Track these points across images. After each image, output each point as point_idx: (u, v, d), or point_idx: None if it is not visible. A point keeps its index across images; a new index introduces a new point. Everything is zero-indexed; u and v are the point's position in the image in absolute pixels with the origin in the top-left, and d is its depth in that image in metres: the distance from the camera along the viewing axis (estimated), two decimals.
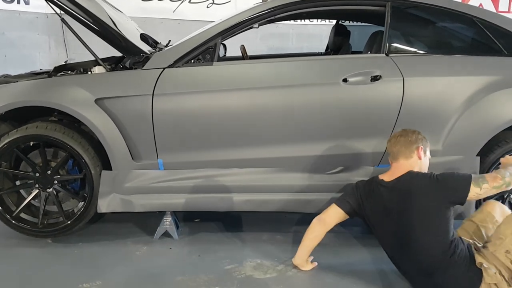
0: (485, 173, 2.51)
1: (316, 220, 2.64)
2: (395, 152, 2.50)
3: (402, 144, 2.48)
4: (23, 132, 2.86)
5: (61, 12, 2.96)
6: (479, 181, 2.32)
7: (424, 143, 2.52)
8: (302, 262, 2.70)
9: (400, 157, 2.48)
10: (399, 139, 2.50)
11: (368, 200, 2.53)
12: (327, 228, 2.63)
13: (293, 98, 2.88)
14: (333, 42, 4.25)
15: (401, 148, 2.48)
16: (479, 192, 2.32)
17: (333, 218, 2.61)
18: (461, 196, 2.32)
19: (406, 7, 3.12)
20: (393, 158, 2.52)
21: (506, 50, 3.01)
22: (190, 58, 2.95)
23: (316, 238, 2.65)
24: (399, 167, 2.48)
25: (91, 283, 2.53)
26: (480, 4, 6.26)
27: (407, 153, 2.47)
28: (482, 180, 2.32)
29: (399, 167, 2.48)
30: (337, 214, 2.60)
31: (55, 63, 3.90)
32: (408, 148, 2.47)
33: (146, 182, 2.93)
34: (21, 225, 2.99)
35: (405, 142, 2.48)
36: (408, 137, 2.50)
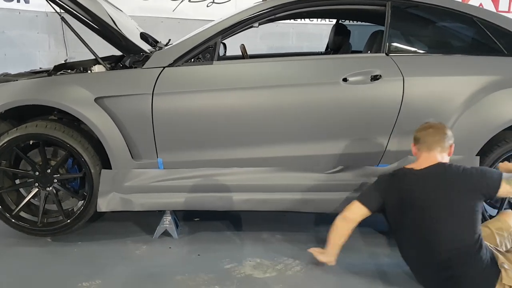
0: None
1: (340, 218, 2.60)
2: (431, 143, 2.46)
3: (440, 137, 2.47)
4: (23, 131, 2.86)
5: (61, 10, 2.95)
6: (510, 180, 2.35)
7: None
8: (332, 259, 2.65)
9: (435, 148, 2.46)
10: (438, 131, 2.49)
11: (393, 191, 2.49)
12: (352, 225, 2.59)
13: (293, 97, 2.88)
14: (333, 41, 4.25)
15: (439, 140, 2.47)
16: (509, 190, 2.34)
17: (356, 214, 2.56)
18: (493, 190, 2.33)
19: (406, 6, 3.12)
20: (427, 148, 2.47)
21: (506, 50, 3.01)
22: (190, 57, 2.95)
23: (342, 236, 2.61)
24: (430, 157, 2.45)
25: (91, 282, 2.53)
26: (480, 3, 6.26)
27: (443, 146, 2.47)
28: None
29: (430, 157, 2.45)
30: (361, 211, 2.55)
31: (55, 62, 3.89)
32: (445, 142, 2.47)
33: (146, 181, 2.93)
34: (21, 223, 2.99)
35: (443, 135, 2.48)
36: (445, 130, 2.50)
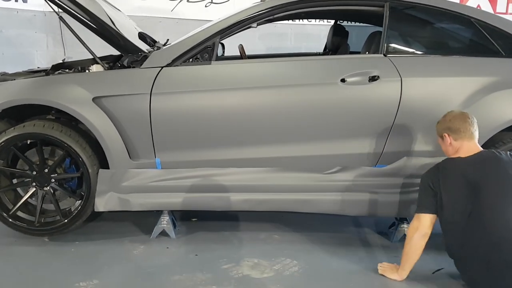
0: None
1: (419, 237, 2.50)
2: (472, 132, 2.51)
3: (476, 125, 2.53)
4: (21, 130, 2.85)
5: (59, 10, 2.95)
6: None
7: None
8: (405, 276, 2.62)
9: (475, 137, 2.52)
10: (473, 120, 2.53)
11: (446, 184, 2.47)
12: (427, 238, 2.54)
13: (290, 98, 2.88)
14: (331, 42, 4.25)
15: (476, 128, 2.53)
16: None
17: (430, 226, 2.52)
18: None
19: (404, 7, 3.13)
20: (469, 137, 2.51)
21: (503, 51, 3.02)
22: (188, 57, 2.95)
23: (420, 252, 2.56)
24: (472, 146, 2.50)
25: (88, 282, 2.53)
26: (478, 5, 6.28)
27: (477, 135, 2.53)
28: None
29: (472, 146, 2.50)
30: (432, 220, 2.51)
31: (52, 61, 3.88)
32: (477, 131, 2.54)
33: (144, 181, 2.93)
34: (18, 223, 2.99)
35: (476, 124, 2.53)
36: (474, 119, 2.55)
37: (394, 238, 3.11)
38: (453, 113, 2.59)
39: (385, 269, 2.68)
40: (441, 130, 2.57)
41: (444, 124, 2.56)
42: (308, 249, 3.00)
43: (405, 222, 3.10)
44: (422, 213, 2.52)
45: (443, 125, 2.57)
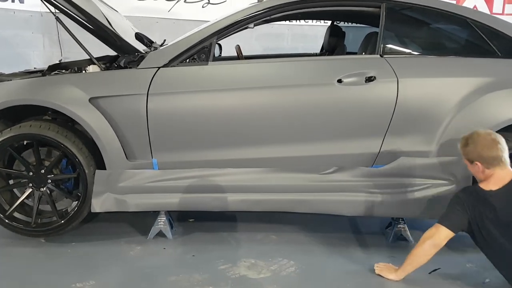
0: None
1: (430, 245, 2.48)
2: (504, 158, 2.43)
3: (507, 150, 2.44)
4: (17, 131, 2.84)
5: (55, 10, 2.95)
6: None
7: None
8: (402, 278, 2.61)
9: (507, 165, 2.44)
10: (503, 143, 2.44)
11: (476, 211, 2.43)
12: (438, 249, 2.52)
13: (287, 98, 2.89)
14: (328, 42, 4.26)
15: (507, 153, 2.43)
16: None
17: (445, 240, 2.48)
18: None
19: (400, 8, 3.14)
20: (502, 165, 2.43)
21: (499, 51, 3.03)
22: (185, 58, 2.95)
23: (427, 260, 2.54)
24: (505, 175, 2.43)
25: (84, 283, 2.52)
26: (474, 6, 6.29)
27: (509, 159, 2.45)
28: None
29: (504, 175, 2.43)
30: (448, 236, 2.48)
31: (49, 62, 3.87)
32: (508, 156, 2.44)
33: (140, 182, 2.92)
34: (14, 224, 2.98)
35: (507, 146, 2.46)
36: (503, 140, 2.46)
37: (391, 239, 3.11)
38: (483, 139, 2.46)
39: (381, 269, 2.68)
40: (472, 157, 2.47)
41: (475, 153, 2.45)
42: (305, 249, 3.00)
43: (402, 222, 3.11)
44: (442, 226, 2.47)
45: (474, 153, 2.46)
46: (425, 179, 2.90)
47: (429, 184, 2.93)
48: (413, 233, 3.09)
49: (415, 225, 3.25)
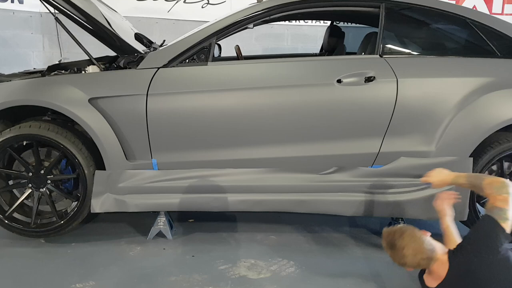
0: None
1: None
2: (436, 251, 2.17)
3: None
4: (16, 132, 2.84)
5: (55, 11, 2.95)
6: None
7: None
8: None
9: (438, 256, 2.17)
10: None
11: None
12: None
13: (287, 98, 2.89)
14: (327, 43, 4.27)
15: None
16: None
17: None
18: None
19: (400, 8, 3.14)
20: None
21: (499, 52, 3.03)
22: (184, 58, 2.95)
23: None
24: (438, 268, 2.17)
25: (84, 283, 2.52)
26: (473, 6, 6.29)
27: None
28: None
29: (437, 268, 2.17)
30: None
31: (49, 62, 3.89)
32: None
33: (140, 182, 2.92)
34: (14, 225, 2.98)
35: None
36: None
37: None
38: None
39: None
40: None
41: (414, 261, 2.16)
42: (304, 249, 3.00)
43: (401, 222, 3.11)
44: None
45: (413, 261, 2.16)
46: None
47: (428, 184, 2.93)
48: None
49: (415, 225, 3.24)
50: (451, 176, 2.44)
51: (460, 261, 2.10)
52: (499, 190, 2.15)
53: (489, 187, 2.20)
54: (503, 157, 2.98)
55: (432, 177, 2.50)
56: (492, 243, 2.06)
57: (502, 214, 2.08)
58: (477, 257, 2.06)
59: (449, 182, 2.45)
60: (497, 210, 2.10)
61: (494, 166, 3.06)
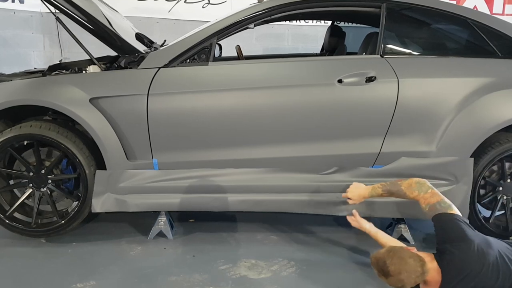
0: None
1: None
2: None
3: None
4: (17, 131, 2.84)
5: (56, 11, 2.95)
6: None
7: None
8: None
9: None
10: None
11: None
12: None
13: (288, 98, 2.89)
14: (328, 43, 4.27)
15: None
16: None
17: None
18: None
19: (401, 8, 3.14)
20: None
21: (500, 52, 3.03)
22: (185, 58, 2.95)
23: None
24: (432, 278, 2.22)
25: (85, 283, 2.52)
26: (474, 6, 6.30)
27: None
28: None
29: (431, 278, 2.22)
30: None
31: (49, 62, 3.89)
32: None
33: (141, 182, 2.92)
34: (15, 224, 2.98)
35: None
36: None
37: None
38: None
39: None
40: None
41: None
42: (305, 249, 3.00)
43: (402, 222, 3.11)
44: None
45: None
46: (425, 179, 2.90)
47: None
48: (414, 233, 3.10)
49: (416, 226, 3.26)
50: (368, 190, 2.70)
51: (449, 263, 2.17)
52: (422, 189, 2.41)
53: (410, 190, 2.44)
54: (503, 158, 2.98)
55: (350, 192, 2.74)
56: (462, 232, 2.20)
57: (443, 205, 2.31)
58: (457, 248, 2.16)
59: (367, 196, 2.72)
60: (437, 205, 2.31)
61: (494, 166, 3.06)
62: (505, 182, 3.04)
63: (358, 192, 2.75)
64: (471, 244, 2.16)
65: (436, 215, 2.31)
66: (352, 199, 2.77)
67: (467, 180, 2.92)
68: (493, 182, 3.06)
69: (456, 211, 2.30)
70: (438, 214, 2.30)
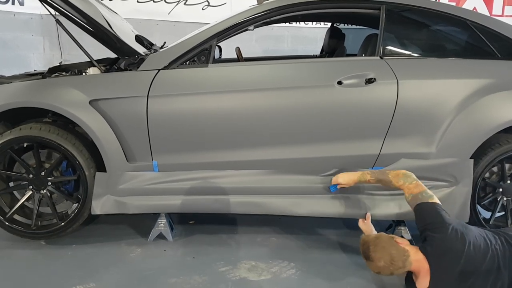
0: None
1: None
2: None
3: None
4: (17, 133, 2.85)
5: (56, 13, 2.95)
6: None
7: None
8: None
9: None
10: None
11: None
12: None
13: (287, 100, 2.89)
14: (327, 44, 4.27)
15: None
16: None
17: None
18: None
19: (400, 10, 3.14)
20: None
21: (499, 53, 3.03)
22: (185, 60, 2.95)
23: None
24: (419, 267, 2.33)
25: (85, 285, 2.52)
26: (474, 7, 6.30)
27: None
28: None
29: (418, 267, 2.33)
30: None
31: (49, 64, 3.89)
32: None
33: (141, 184, 2.92)
34: (15, 226, 2.98)
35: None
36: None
37: None
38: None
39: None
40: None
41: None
42: (305, 251, 3.00)
43: (402, 224, 3.11)
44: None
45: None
46: (425, 181, 2.90)
47: (429, 185, 2.92)
48: (413, 235, 3.09)
49: (416, 227, 3.24)
50: (357, 174, 2.77)
51: (432, 247, 2.29)
52: (407, 180, 2.54)
53: (396, 179, 2.58)
54: (503, 159, 2.98)
55: (340, 177, 2.82)
56: (440, 217, 2.34)
57: (425, 195, 2.44)
58: (436, 232, 2.30)
59: (356, 180, 2.78)
60: (420, 195, 2.45)
61: (494, 167, 3.06)
62: (505, 183, 3.04)
63: (349, 176, 2.80)
64: (449, 226, 2.29)
65: (418, 204, 2.44)
66: (342, 183, 2.81)
67: (467, 181, 2.92)
68: (493, 183, 3.06)
69: (436, 200, 2.44)
70: (419, 203, 2.43)
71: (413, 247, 2.35)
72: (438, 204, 2.42)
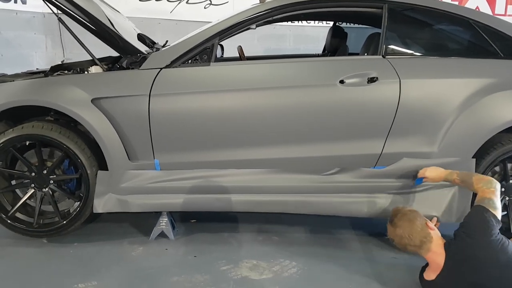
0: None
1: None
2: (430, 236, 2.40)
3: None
4: (19, 132, 2.85)
5: (58, 11, 2.95)
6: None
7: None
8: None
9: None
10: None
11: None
12: None
13: (289, 99, 2.88)
14: (330, 43, 4.26)
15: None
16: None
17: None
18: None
19: (403, 9, 3.13)
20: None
21: (502, 52, 3.02)
22: (187, 59, 2.95)
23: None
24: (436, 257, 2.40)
25: (86, 284, 2.53)
26: (476, 6, 6.29)
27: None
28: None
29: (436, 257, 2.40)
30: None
31: (51, 63, 3.88)
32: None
33: (143, 182, 2.93)
34: (17, 224, 2.98)
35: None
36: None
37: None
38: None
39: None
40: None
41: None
42: (306, 250, 3.00)
43: None
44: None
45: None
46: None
47: (431, 185, 2.93)
48: None
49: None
50: (446, 172, 2.73)
51: (457, 247, 2.30)
52: (487, 185, 2.47)
53: (478, 182, 2.51)
54: (506, 158, 2.98)
55: (428, 171, 2.79)
56: (485, 226, 2.28)
57: (491, 203, 2.37)
58: (472, 238, 2.28)
59: (443, 178, 2.75)
60: (487, 200, 2.38)
61: (497, 167, 3.05)
62: (507, 183, 3.03)
63: (437, 172, 2.77)
64: (488, 243, 2.24)
65: (477, 205, 2.40)
66: (429, 177, 2.79)
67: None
68: None
69: (497, 214, 2.35)
70: (479, 205, 2.38)
71: (439, 238, 2.38)
72: (496, 218, 2.33)
